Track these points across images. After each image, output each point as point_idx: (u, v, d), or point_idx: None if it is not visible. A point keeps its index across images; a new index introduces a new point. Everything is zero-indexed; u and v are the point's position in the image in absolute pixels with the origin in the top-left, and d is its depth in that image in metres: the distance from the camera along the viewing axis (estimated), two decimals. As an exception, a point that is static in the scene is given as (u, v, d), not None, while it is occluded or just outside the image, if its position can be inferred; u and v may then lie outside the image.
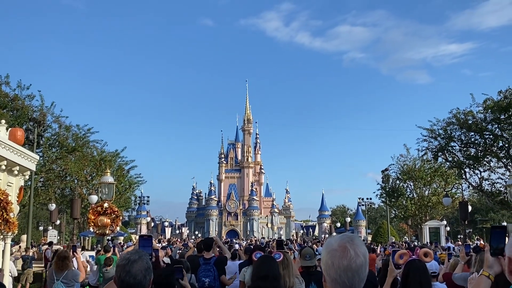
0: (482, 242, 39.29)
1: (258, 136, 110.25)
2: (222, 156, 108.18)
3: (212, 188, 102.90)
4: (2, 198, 9.53)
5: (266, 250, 14.33)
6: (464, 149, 33.38)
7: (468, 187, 36.88)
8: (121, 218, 20.19)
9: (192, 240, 51.83)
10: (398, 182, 47.68)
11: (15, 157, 10.36)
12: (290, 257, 6.14)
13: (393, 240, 38.15)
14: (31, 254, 23.94)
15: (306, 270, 6.57)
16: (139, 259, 3.08)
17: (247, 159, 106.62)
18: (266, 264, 5.03)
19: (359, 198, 68.43)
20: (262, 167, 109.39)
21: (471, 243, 38.60)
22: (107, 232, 17.44)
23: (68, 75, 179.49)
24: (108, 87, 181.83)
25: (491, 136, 31.29)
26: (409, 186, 47.44)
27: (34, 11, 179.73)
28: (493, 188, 33.17)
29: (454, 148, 34.09)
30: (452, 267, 8.59)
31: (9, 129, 11.12)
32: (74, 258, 9.48)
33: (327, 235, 79.94)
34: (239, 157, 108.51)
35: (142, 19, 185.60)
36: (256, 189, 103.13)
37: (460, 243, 35.57)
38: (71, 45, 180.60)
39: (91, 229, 18.31)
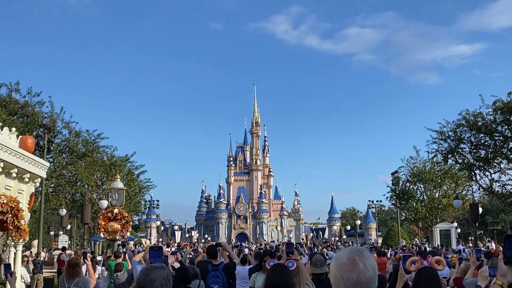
0: (493, 245, 39.04)
1: (266, 138, 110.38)
2: (231, 159, 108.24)
3: (221, 191, 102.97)
4: (13, 206, 9.59)
5: (276, 255, 14.31)
6: (474, 150, 33.14)
7: (479, 189, 36.64)
8: (131, 223, 20.26)
9: (201, 245, 51.90)
10: (408, 184, 47.44)
11: (25, 165, 10.44)
12: (301, 264, 6.13)
13: (404, 244, 37.96)
14: (41, 259, 24.09)
15: (316, 277, 6.55)
16: (161, 268, 3.23)
17: (256, 162, 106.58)
18: (279, 272, 5.04)
19: (369, 201, 68.25)
20: (270, 169, 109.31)
21: (481, 245, 38.38)
22: (117, 237, 17.50)
23: (78, 81, 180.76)
24: (118, 92, 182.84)
25: (501, 138, 31.05)
26: (419, 188, 47.20)
27: (43, 18, 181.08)
28: (503, 190, 32.93)
29: (464, 150, 33.87)
30: (463, 272, 8.54)
31: (20, 136, 11.20)
32: (85, 265, 9.53)
33: (337, 238, 79.71)
34: (248, 160, 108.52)
35: (151, 24, 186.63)
36: (265, 192, 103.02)
37: (471, 245, 35.36)
38: (81, 52, 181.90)
39: (102, 235, 18.38)
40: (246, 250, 27.90)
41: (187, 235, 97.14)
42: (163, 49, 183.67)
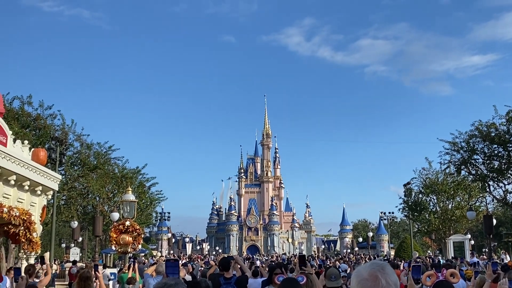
0: (507, 257, 38.43)
1: (277, 150, 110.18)
2: (242, 171, 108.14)
3: (232, 203, 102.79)
4: (25, 218, 9.60)
5: (288, 267, 14.18)
6: (488, 161, 32.81)
7: (492, 200, 36.24)
8: (142, 235, 20.22)
9: (212, 257, 51.71)
10: (420, 195, 47.05)
11: (38, 177, 10.46)
12: (314, 278, 6.02)
13: (417, 255, 37.55)
14: (53, 271, 24.08)
15: (331, 291, 6.42)
16: (175, 285, 3.14)
17: (267, 174, 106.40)
18: (289, 287, 4.96)
19: (381, 212, 67.57)
20: (281, 181, 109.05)
21: (496, 257, 37.81)
22: (129, 250, 17.46)
23: (90, 94, 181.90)
24: (129, 104, 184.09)
25: (515, 149, 30.77)
26: (432, 199, 46.77)
27: (57, 31, 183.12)
28: (517, 201, 32.58)
29: (477, 161, 33.56)
30: (479, 285, 8.40)
31: (32, 149, 11.24)
32: (96, 278, 9.47)
33: (349, 250, 79.10)
34: (259, 172, 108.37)
35: (164, 37, 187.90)
36: (276, 203, 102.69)
37: (485, 257, 34.85)
38: (93, 65, 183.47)
39: (113, 248, 18.35)
40: (258, 263, 27.72)
41: (198, 247, 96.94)
42: (175, 61, 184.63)
